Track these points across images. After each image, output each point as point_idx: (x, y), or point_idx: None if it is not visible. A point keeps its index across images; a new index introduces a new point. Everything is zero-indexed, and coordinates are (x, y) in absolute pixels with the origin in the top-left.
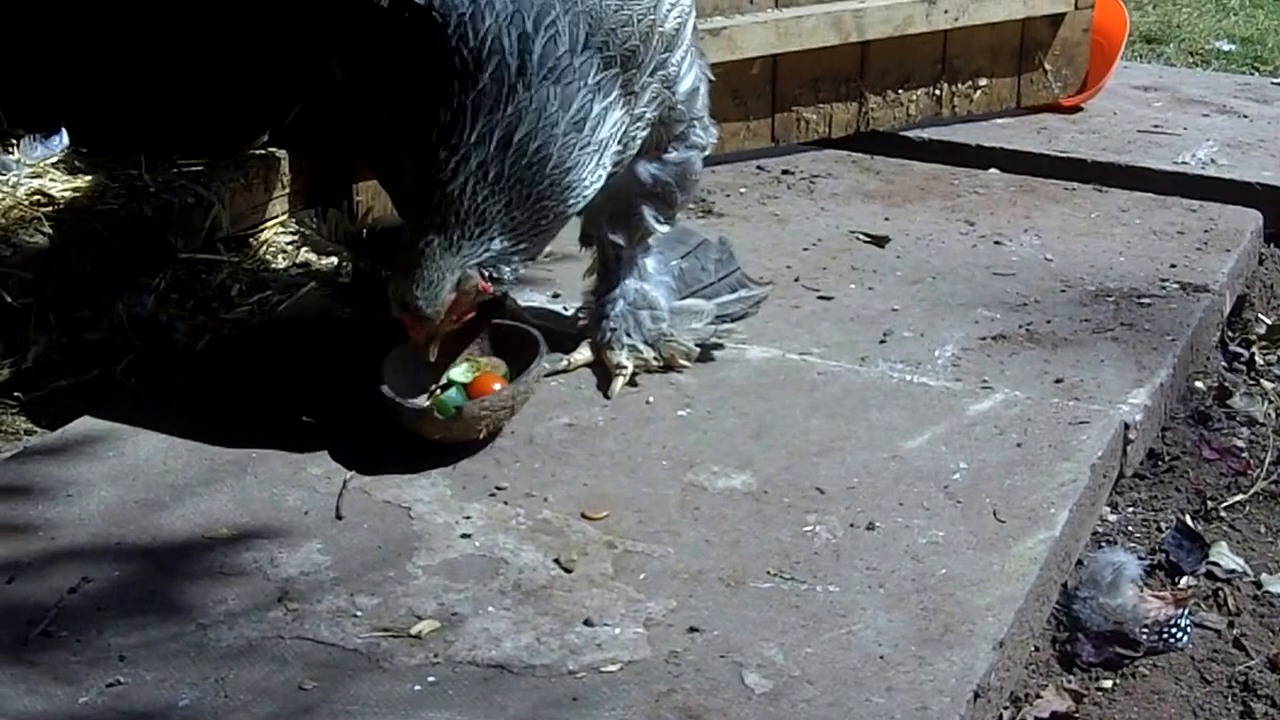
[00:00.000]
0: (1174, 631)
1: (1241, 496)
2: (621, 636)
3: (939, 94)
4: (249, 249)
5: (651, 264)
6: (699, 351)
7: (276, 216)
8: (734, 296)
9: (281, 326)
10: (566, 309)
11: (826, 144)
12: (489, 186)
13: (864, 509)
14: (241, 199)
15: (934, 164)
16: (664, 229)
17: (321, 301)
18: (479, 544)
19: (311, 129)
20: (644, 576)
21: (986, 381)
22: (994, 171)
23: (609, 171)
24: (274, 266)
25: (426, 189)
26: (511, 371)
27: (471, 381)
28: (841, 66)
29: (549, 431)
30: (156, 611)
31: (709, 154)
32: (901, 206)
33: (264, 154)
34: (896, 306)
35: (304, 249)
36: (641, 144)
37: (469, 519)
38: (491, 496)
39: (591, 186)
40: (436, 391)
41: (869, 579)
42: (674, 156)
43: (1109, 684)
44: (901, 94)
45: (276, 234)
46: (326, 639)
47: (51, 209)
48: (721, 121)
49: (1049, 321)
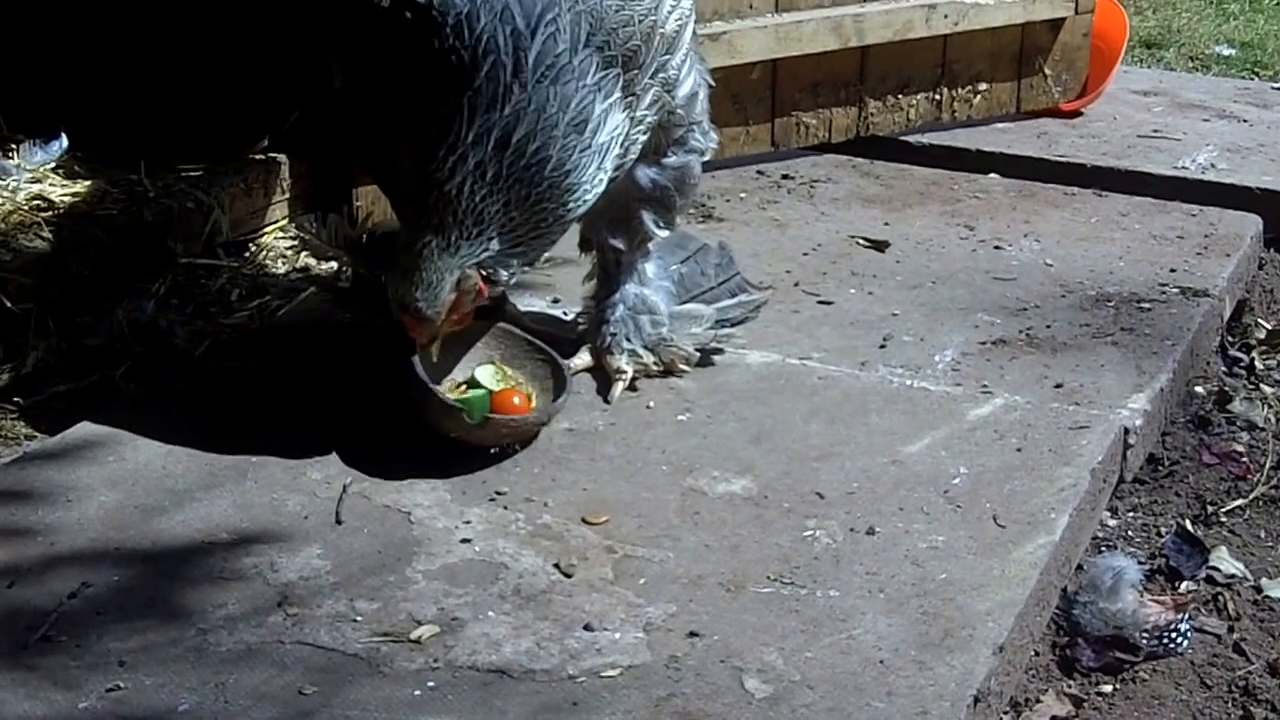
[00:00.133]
0: (1174, 636)
1: (1241, 501)
2: (621, 641)
3: (939, 99)
4: (249, 254)
5: (651, 269)
6: (699, 356)
7: (276, 221)
8: (734, 301)
9: (281, 331)
10: (566, 314)
11: (826, 149)
12: (487, 186)
13: (864, 514)
14: (241, 204)
15: (934, 169)
16: (663, 234)
17: (321, 306)
18: (479, 549)
19: (311, 134)
20: (644, 581)
21: (986, 386)
22: (994, 176)
23: (609, 176)
24: (274, 271)
25: (424, 189)
26: (532, 392)
27: (499, 392)
28: (841, 71)
29: (549, 436)
30: (156, 616)
31: (709, 159)
32: (901, 211)
33: (264, 159)
34: (896, 311)
35: (304, 254)
36: (641, 148)
37: (469, 524)
38: (491, 501)
39: (592, 190)
40: (462, 387)
41: (869, 584)
42: (673, 161)
43: (1109, 689)
44: (901, 99)
45: (276, 239)
46: (326, 644)
47: (51, 214)
48: (721, 126)
49: (1049, 326)
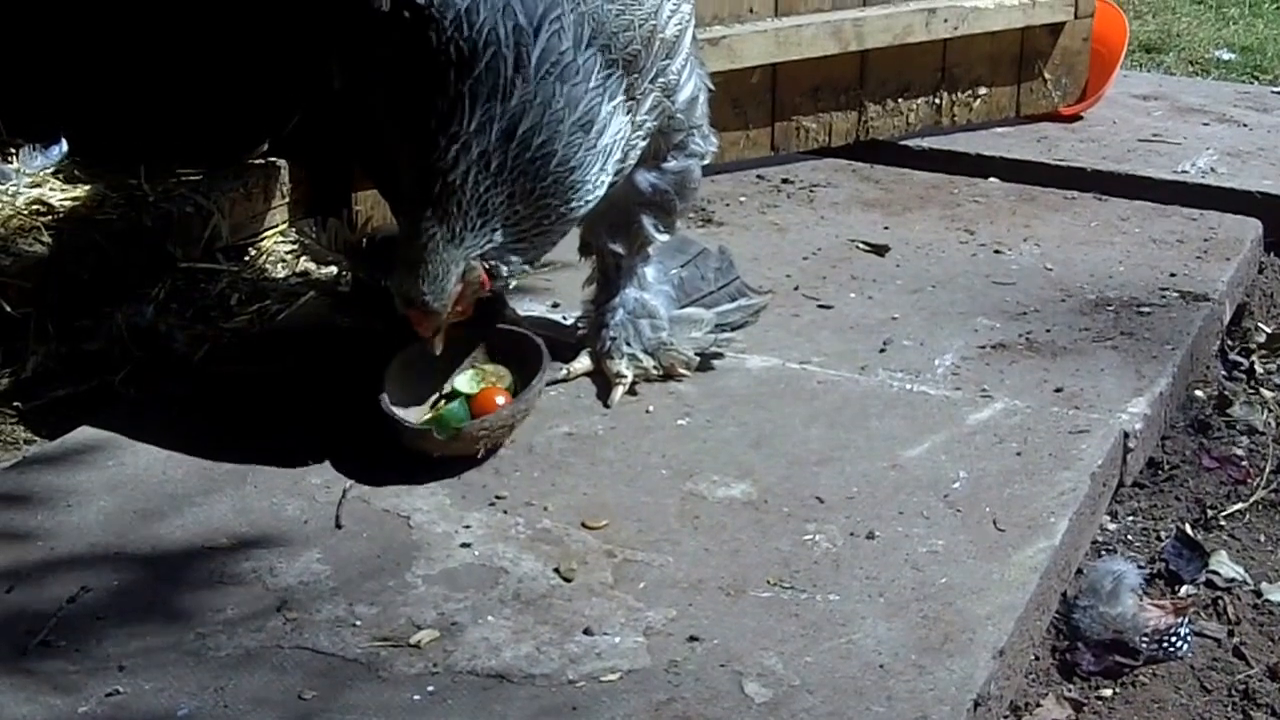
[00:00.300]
0: (1174, 640)
1: (1241, 505)
2: (621, 645)
3: (939, 103)
4: (248, 258)
5: (651, 273)
6: (699, 360)
7: (276, 226)
8: (734, 305)
9: (281, 336)
10: (566, 318)
11: (826, 153)
12: (491, 177)
13: (864, 518)
14: (241, 208)
15: (934, 173)
16: (663, 238)
17: (320, 311)
18: (478, 553)
19: (311, 138)
20: (644, 585)
21: (986, 390)
22: (994, 180)
23: (610, 179)
24: (273, 276)
25: (427, 180)
26: (515, 379)
27: (477, 394)
28: (841, 75)
29: (549, 440)
30: (156, 621)
31: (709, 163)
32: (901, 215)
33: (263, 163)
34: (896, 315)
35: (303, 258)
36: (640, 153)
37: (468, 528)
38: (491, 506)
39: (595, 191)
40: (440, 402)
41: (869, 588)
42: (673, 165)
43: (1109, 693)
44: (901, 103)
45: (276, 243)
46: (326, 648)
47: (51, 219)
48: (721, 130)
49: (1049, 330)
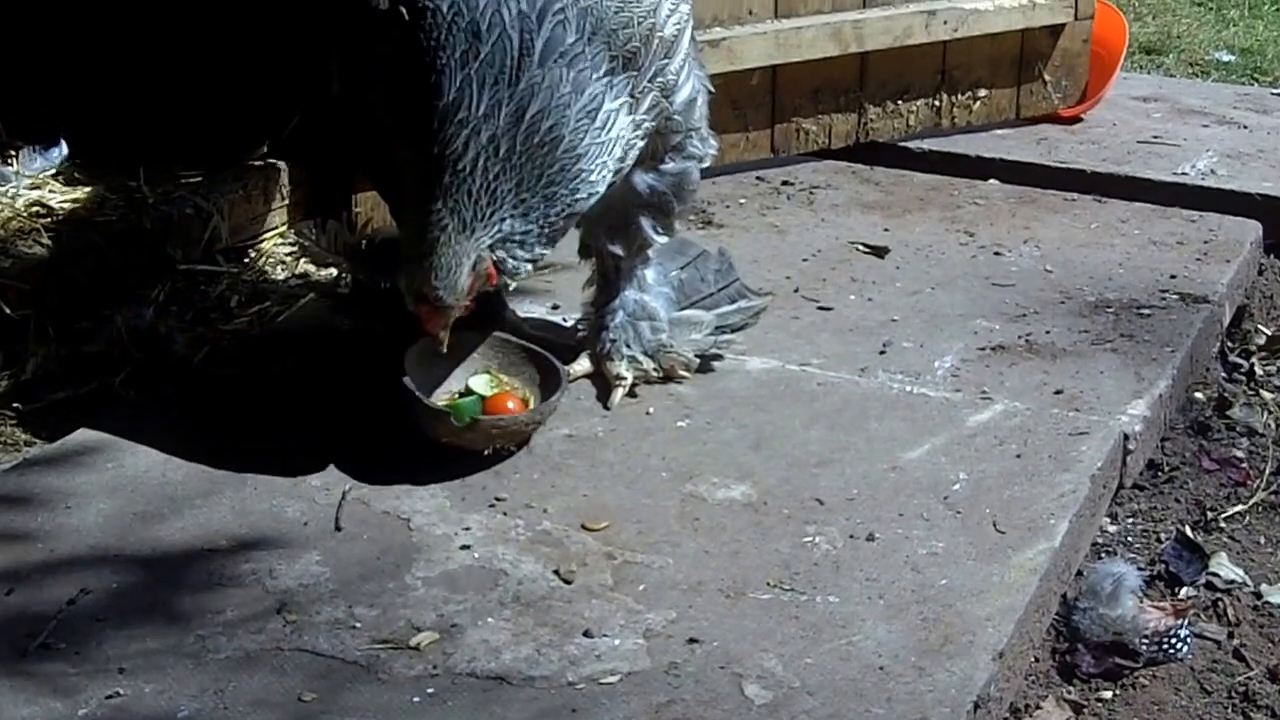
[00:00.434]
0: (1174, 642)
1: (1241, 507)
2: (621, 648)
3: (938, 105)
4: (248, 260)
5: (651, 275)
6: (698, 362)
7: (275, 228)
8: (733, 307)
9: (280, 338)
10: (566, 320)
11: (826, 155)
12: (500, 163)
13: (864, 520)
14: (240, 210)
15: (933, 175)
16: (662, 240)
17: (320, 313)
18: (478, 555)
19: (311, 140)
20: (643, 587)
21: (986, 392)
22: (993, 182)
23: (611, 177)
24: (273, 278)
25: (435, 170)
26: (530, 395)
27: (491, 396)
28: (841, 77)
29: (549, 442)
30: (156, 623)
31: (708, 165)
32: (901, 217)
33: (263, 165)
34: (896, 317)
35: (303, 260)
36: (639, 153)
37: (468, 530)
38: (491, 507)
39: (598, 185)
40: (455, 395)
41: (869, 590)
42: (671, 167)
43: (1109, 695)
44: (901, 105)
45: (275, 245)
46: (325, 650)
47: (50, 220)
48: (721, 132)
49: (1048, 332)
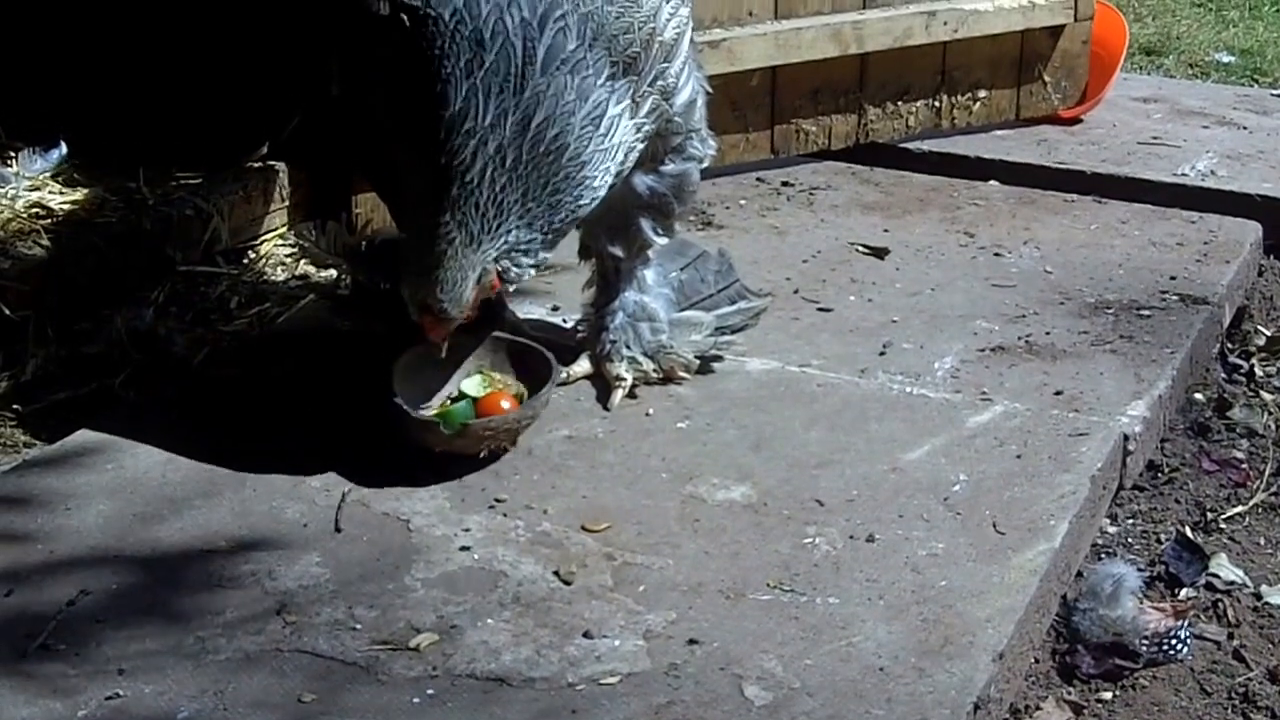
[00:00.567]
0: (1174, 643)
1: (1241, 508)
2: (621, 649)
3: (938, 106)
4: (248, 261)
5: (651, 276)
6: (698, 363)
7: (275, 229)
8: (733, 308)
9: (280, 339)
10: (566, 321)
11: (826, 156)
12: (507, 174)
13: (864, 521)
14: (240, 211)
15: (933, 176)
16: (662, 241)
17: (320, 314)
18: (478, 556)
19: (310, 142)
20: (643, 588)
21: (986, 393)
22: (993, 183)
23: (611, 180)
24: (273, 279)
25: (442, 183)
26: (522, 389)
27: (483, 397)
28: (841, 78)
29: (548, 444)
30: (155, 624)
31: (708, 166)
32: (901, 218)
33: (263, 166)
34: (896, 318)
35: (303, 261)
36: (639, 155)
37: (468, 531)
38: (491, 509)
39: (600, 190)
40: (447, 401)
41: (869, 591)
42: (671, 169)
43: (1109, 696)
44: (901, 106)
45: (275, 246)
46: (325, 651)
47: (50, 222)
48: (721, 133)
49: (1048, 333)
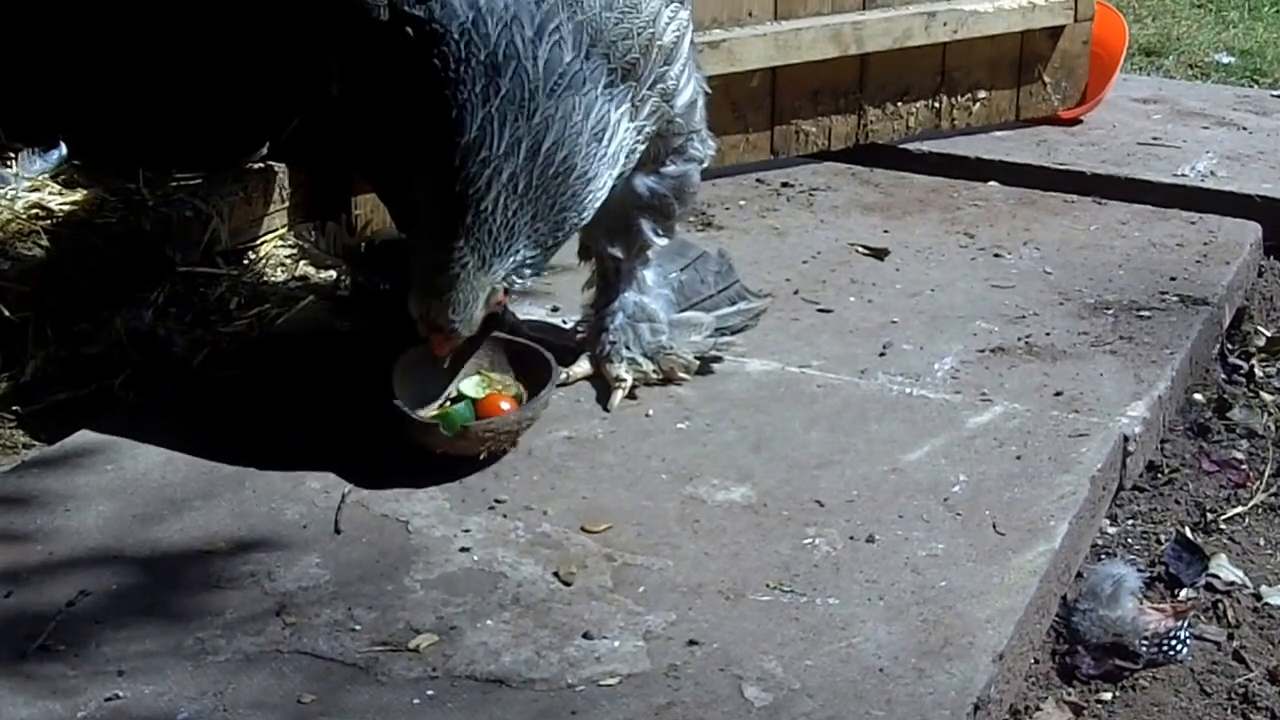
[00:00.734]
0: (1173, 644)
1: (1241, 509)
2: (621, 649)
3: (938, 106)
4: (247, 262)
5: (650, 277)
6: (698, 364)
7: (275, 230)
8: (733, 309)
9: (280, 340)
10: (565, 322)
11: (826, 156)
12: (518, 199)
13: (863, 521)
14: (240, 212)
15: (933, 176)
16: (662, 242)
17: (320, 315)
18: (477, 557)
19: (310, 142)
20: (643, 589)
21: (986, 394)
22: (993, 184)
23: (612, 186)
24: (272, 280)
25: (458, 209)
26: (522, 390)
27: (483, 398)
28: (841, 79)
29: (548, 444)
30: (155, 624)
31: (708, 167)
32: (901, 219)
33: (262, 167)
34: (896, 319)
35: (302, 262)
36: (639, 157)
37: (468, 532)
38: (490, 510)
39: (602, 196)
40: (447, 403)
41: (869, 591)
42: (671, 170)
43: (1109, 696)
44: (901, 106)
45: (275, 247)
46: (325, 652)
47: (49, 222)
48: (721, 134)
49: (1048, 334)
